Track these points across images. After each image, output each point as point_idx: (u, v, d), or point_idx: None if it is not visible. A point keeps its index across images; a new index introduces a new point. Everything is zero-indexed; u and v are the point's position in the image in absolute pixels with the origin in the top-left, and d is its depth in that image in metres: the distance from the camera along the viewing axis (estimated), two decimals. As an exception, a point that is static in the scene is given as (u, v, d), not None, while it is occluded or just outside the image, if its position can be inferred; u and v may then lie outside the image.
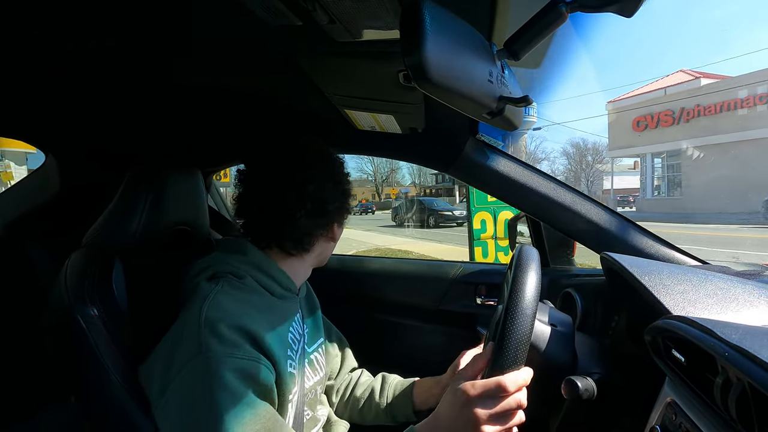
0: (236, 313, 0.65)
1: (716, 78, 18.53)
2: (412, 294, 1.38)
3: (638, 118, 19.81)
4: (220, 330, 0.62)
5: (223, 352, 0.60)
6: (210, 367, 0.59)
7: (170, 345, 0.65)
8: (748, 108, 15.83)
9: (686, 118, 17.85)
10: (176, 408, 0.59)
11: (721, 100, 16.57)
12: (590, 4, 0.41)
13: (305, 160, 0.77)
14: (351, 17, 0.55)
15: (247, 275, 0.73)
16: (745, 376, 0.38)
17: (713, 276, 0.68)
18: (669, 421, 0.53)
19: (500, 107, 0.50)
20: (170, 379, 0.60)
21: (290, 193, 0.74)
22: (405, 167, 50.36)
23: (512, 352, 0.54)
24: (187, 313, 0.66)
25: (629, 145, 20.51)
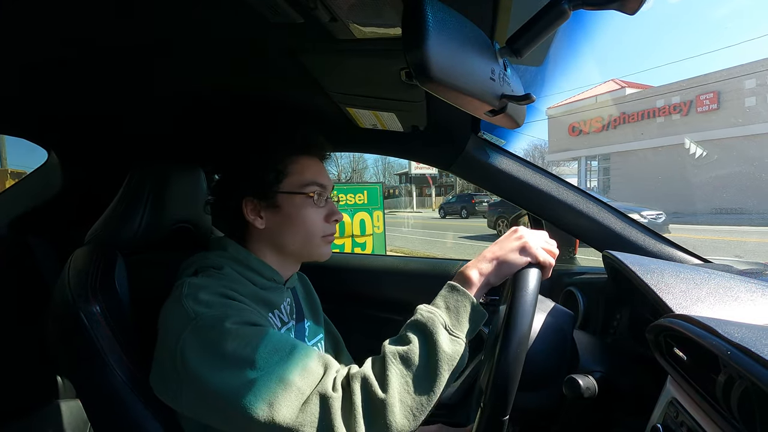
0: (214, 284, 0.67)
1: (639, 87, 20.35)
2: (413, 291, 1.38)
3: (573, 124, 21.51)
4: (202, 297, 0.64)
5: (213, 314, 0.62)
6: (206, 326, 0.60)
7: (161, 339, 0.65)
8: (664, 116, 17.51)
9: (613, 125, 19.63)
10: (193, 379, 0.59)
11: (642, 108, 18.30)
12: (593, 1, 0.41)
13: (220, 148, 0.80)
14: (352, 15, 0.55)
15: (226, 266, 0.73)
16: (748, 374, 0.38)
17: (715, 274, 0.68)
18: (671, 420, 0.53)
19: (502, 105, 0.50)
20: (175, 361, 0.60)
21: (218, 180, 0.81)
22: (371, 167, 50.81)
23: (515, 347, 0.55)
24: (167, 303, 0.68)
25: (566, 149, 22.13)
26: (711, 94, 15.93)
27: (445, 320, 0.62)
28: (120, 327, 0.72)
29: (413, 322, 0.63)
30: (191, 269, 0.73)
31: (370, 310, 1.45)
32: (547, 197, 1.02)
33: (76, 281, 0.73)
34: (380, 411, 0.56)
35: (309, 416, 0.56)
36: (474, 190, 42.00)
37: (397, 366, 0.59)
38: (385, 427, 0.56)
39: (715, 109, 15.84)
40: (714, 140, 15.10)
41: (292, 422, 0.55)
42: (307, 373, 0.59)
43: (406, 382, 0.58)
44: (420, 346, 0.60)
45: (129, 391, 0.69)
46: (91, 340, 0.69)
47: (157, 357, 0.66)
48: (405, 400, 0.57)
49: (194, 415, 0.63)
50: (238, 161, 0.79)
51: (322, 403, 0.57)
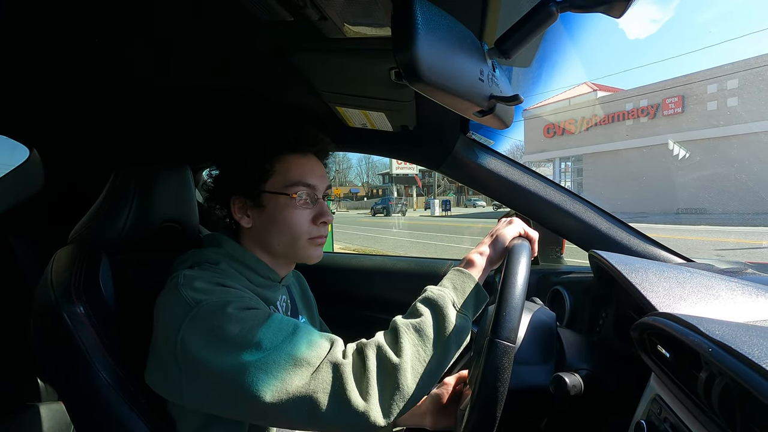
0: (209, 275, 0.67)
1: (611, 90, 21.31)
2: (403, 291, 1.39)
3: (548, 126, 22.37)
4: (200, 285, 0.64)
5: (212, 300, 0.62)
6: (206, 313, 0.60)
7: (157, 332, 0.65)
8: (633, 119, 18.37)
9: (586, 127, 20.47)
10: (196, 367, 0.59)
11: (613, 111, 19.18)
12: (580, 4, 0.42)
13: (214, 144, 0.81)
14: (342, 14, 0.55)
15: (222, 261, 0.73)
16: (728, 371, 0.39)
17: (697, 273, 0.69)
18: (654, 416, 0.54)
19: (491, 106, 0.50)
20: (175, 351, 0.60)
21: (213, 178, 0.81)
22: (355, 167, 51.20)
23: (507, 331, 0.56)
24: (162, 295, 0.67)
25: (542, 150, 22.93)
26: (676, 98, 16.67)
27: (453, 298, 0.66)
28: (105, 328, 0.71)
29: (424, 298, 0.67)
30: (186, 264, 0.72)
31: (359, 310, 1.45)
32: (534, 197, 1.03)
33: (59, 281, 0.71)
34: (393, 375, 0.58)
35: (320, 383, 0.57)
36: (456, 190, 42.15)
37: (411, 335, 0.62)
38: (398, 391, 0.58)
39: (680, 112, 16.59)
40: (683, 142, 15.68)
41: (304, 391, 0.57)
42: (314, 347, 0.60)
43: (418, 351, 0.61)
44: (432, 319, 0.63)
45: (114, 392, 0.68)
46: (74, 342, 0.67)
47: (154, 351, 0.65)
48: (416, 367, 0.60)
49: (198, 405, 0.62)
50: (229, 159, 0.79)
51: (334, 370, 0.58)
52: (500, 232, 0.73)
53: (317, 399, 0.57)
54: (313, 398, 0.57)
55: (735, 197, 13.25)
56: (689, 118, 16.22)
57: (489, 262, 0.72)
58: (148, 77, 0.84)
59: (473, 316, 0.68)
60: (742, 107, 14.72)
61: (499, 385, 0.54)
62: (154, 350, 0.65)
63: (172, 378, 0.61)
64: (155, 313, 0.66)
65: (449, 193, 40.49)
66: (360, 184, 54.17)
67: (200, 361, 0.58)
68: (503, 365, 0.55)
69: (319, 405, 0.56)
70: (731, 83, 15.08)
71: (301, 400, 0.57)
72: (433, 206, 24.84)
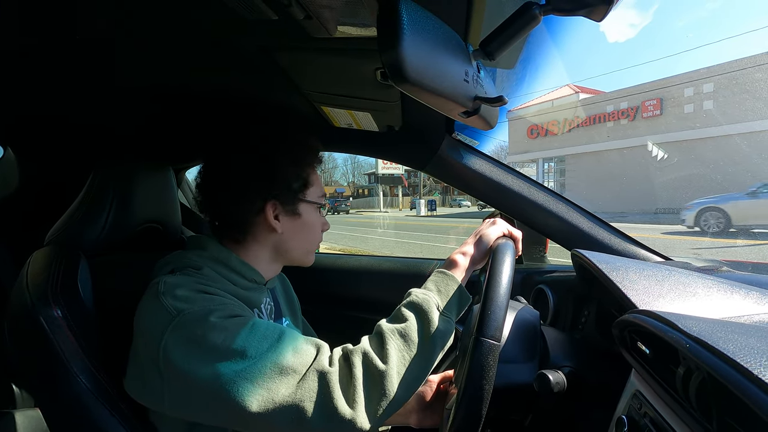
0: (191, 282, 0.66)
1: (592, 93, 21.86)
2: (389, 291, 1.39)
3: (531, 127, 22.87)
4: (181, 294, 0.62)
5: (194, 309, 0.60)
6: (189, 322, 0.59)
7: (138, 340, 0.63)
8: (613, 121, 18.90)
9: (568, 128, 20.98)
10: (179, 377, 0.57)
11: (594, 113, 19.75)
12: (563, 7, 0.42)
13: (234, 145, 0.77)
14: (328, 13, 0.55)
15: (205, 266, 0.71)
16: (705, 366, 0.40)
17: (675, 272, 0.71)
18: (634, 411, 0.55)
19: (476, 107, 0.51)
20: (157, 360, 0.58)
21: (214, 178, 0.76)
22: (341, 167, 51.45)
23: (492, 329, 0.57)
24: (142, 302, 0.65)
25: (525, 151, 23.44)
26: (655, 100, 17.18)
27: (438, 301, 0.67)
28: (83, 331, 0.69)
29: (408, 302, 0.67)
30: (167, 268, 0.71)
31: (345, 311, 1.45)
32: (518, 197, 1.04)
33: (36, 284, 0.69)
34: (379, 381, 0.59)
35: (307, 392, 0.57)
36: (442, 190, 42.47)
37: (396, 341, 0.62)
38: (384, 397, 0.58)
39: (659, 114, 17.10)
40: (661, 144, 16.22)
41: (290, 400, 0.56)
42: (299, 354, 0.60)
43: (404, 356, 0.61)
44: (417, 324, 0.64)
45: (93, 398, 0.66)
46: (51, 346, 0.65)
47: (134, 359, 0.64)
48: (402, 373, 0.60)
49: (181, 414, 0.61)
50: (265, 164, 0.75)
51: (320, 379, 0.58)
52: (484, 232, 0.74)
53: (304, 407, 0.56)
54: (300, 407, 0.56)
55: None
56: (667, 121, 16.70)
57: (472, 262, 0.73)
58: (129, 76, 0.82)
59: (457, 317, 0.69)
60: (717, 110, 15.23)
61: (484, 383, 0.55)
62: (134, 358, 0.64)
63: (153, 386, 0.60)
64: (135, 321, 0.64)
65: (435, 193, 40.73)
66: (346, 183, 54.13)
67: (183, 371, 0.57)
68: (488, 363, 0.55)
69: (305, 413, 0.56)
70: (707, 87, 15.59)
71: (287, 409, 0.56)
72: (418, 206, 24.96)
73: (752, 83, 14.32)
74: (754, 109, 13.98)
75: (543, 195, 1.04)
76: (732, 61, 14.89)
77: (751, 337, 0.44)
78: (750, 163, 13.62)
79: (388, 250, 9.58)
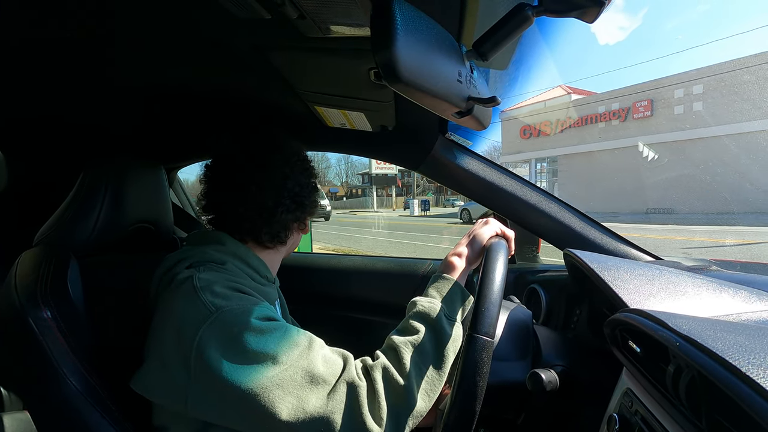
0: (226, 279, 0.66)
1: (584, 93, 22.00)
2: (382, 291, 1.39)
3: (524, 127, 22.94)
4: (219, 290, 0.62)
5: (233, 307, 0.60)
6: (227, 320, 0.59)
7: (164, 336, 0.62)
8: (605, 122, 19.05)
9: (560, 129, 21.12)
10: (211, 375, 0.57)
11: (586, 114, 19.91)
12: (555, 9, 0.43)
13: (284, 156, 0.77)
14: (321, 13, 0.55)
15: (228, 262, 0.71)
16: (694, 364, 0.41)
17: (666, 271, 0.72)
18: (626, 409, 0.56)
19: (469, 107, 0.51)
20: (188, 357, 0.58)
21: (270, 190, 0.75)
22: (334, 167, 51.54)
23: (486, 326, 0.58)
24: (174, 297, 0.64)
25: (518, 151, 23.54)
26: (645, 101, 17.36)
27: (444, 308, 0.68)
28: (74, 333, 0.68)
29: (416, 313, 0.68)
30: (185, 263, 0.69)
31: (338, 311, 1.45)
32: (511, 197, 1.04)
33: (24, 285, 0.68)
34: (402, 396, 0.60)
35: (337, 404, 0.57)
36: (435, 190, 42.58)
37: (410, 353, 0.63)
38: (407, 411, 0.60)
39: (649, 116, 17.28)
40: (652, 144, 16.42)
41: (321, 411, 0.56)
42: (329, 365, 0.60)
43: (420, 369, 0.62)
44: (427, 333, 0.65)
45: (84, 400, 0.65)
46: (41, 348, 0.64)
47: (156, 354, 0.62)
48: (421, 384, 0.62)
49: (203, 414, 0.60)
50: (309, 184, 0.82)
51: (350, 391, 0.58)
52: (477, 232, 0.75)
53: (333, 420, 0.56)
54: (329, 419, 0.56)
55: (700, 197, 13.92)
56: (658, 122, 16.89)
57: (468, 263, 0.74)
58: (121, 75, 0.81)
59: (461, 318, 0.70)
60: (707, 112, 15.46)
61: (478, 380, 0.55)
62: (157, 354, 0.62)
63: (177, 383, 0.59)
64: (161, 316, 0.63)
65: (428, 193, 40.88)
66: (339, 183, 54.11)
67: (216, 369, 0.56)
68: (482, 360, 0.56)
69: (334, 427, 0.56)
70: (696, 88, 15.80)
71: (316, 420, 0.56)
72: (412, 206, 25.00)
73: (740, 85, 14.56)
74: (742, 111, 14.22)
75: (535, 195, 1.05)
76: (721, 63, 15.10)
77: (740, 335, 0.44)
78: (739, 164, 13.85)
79: (381, 250, 9.58)
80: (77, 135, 1.10)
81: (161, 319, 0.63)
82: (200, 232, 0.79)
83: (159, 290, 0.69)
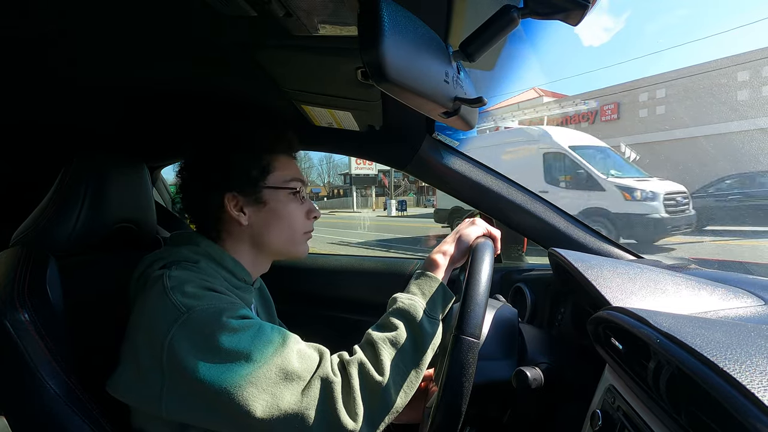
0: (198, 278, 0.65)
1: (555, 96, 22.17)
2: (370, 291, 1.39)
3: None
4: (190, 290, 0.61)
5: (204, 306, 0.59)
6: (198, 320, 0.58)
7: (136, 337, 0.61)
8: (574, 124, 19.42)
9: None
10: (183, 375, 0.56)
11: (557, 116, 19.96)
12: (540, 11, 0.43)
13: (194, 142, 0.78)
14: (308, 11, 0.54)
15: (201, 261, 0.70)
16: (675, 359, 0.42)
17: (647, 269, 0.73)
18: (608, 405, 0.57)
19: (455, 107, 0.51)
20: (160, 358, 0.57)
21: (181, 176, 0.77)
22: (317, 166, 51.58)
23: (472, 327, 0.58)
24: (146, 298, 0.63)
25: None
26: (612, 105, 17.89)
27: (423, 305, 0.68)
28: (53, 335, 0.67)
29: (395, 309, 0.68)
30: (159, 263, 0.68)
31: (325, 310, 1.44)
32: (497, 197, 1.05)
33: (1, 287, 0.66)
34: (377, 392, 0.60)
35: (312, 400, 0.57)
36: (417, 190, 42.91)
37: (388, 350, 0.63)
38: (384, 407, 0.60)
39: (616, 118, 17.85)
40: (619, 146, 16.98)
41: (295, 408, 0.56)
42: (304, 360, 0.60)
43: (397, 364, 0.62)
44: (406, 330, 0.65)
45: (63, 404, 0.63)
46: (18, 351, 0.62)
47: (130, 357, 0.61)
48: (398, 381, 0.62)
49: (179, 416, 0.59)
50: (218, 157, 0.75)
51: (324, 387, 0.58)
52: (463, 231, 0.76)
53: (307, 416, 0.56)
54: (304, 415, 0.56)
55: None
56: (624, 124, 17.44)
57: (452, 261, 0.74)
58: (101, 71, 0.79)
59: (442, 316, 0.70)
60: (669, 115, 16.07)
61: (464, 380, 0.56)
62: (130, 356, 0.61)
63: (151, 386, 0.58)
64: (135, 317, 0.63)
65: (410, 194, 41.18)
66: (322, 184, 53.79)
67: (188, 369, 0.56)
68: (468, 361, 0.56)
69: (309, 423, 0.56)
70: (660, 92, 16.43)
71: (291, 417, 0.56)
72: (389, 207, 25.16)
73: (700, 90, 15.19)
74: (699, 115, 14.86)
75: (521, 195, 1.06)
76: (683, 68, 15.76)
77: (717, 331, 0.45)
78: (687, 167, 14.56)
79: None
80: (57, 135, 1.07)
81: (134, 321, 0.63)
82: (179, 233, 0.78)
83: (136, 291, 0.68)
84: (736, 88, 14.21)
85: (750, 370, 0.37)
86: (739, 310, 0.61)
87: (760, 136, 11.78)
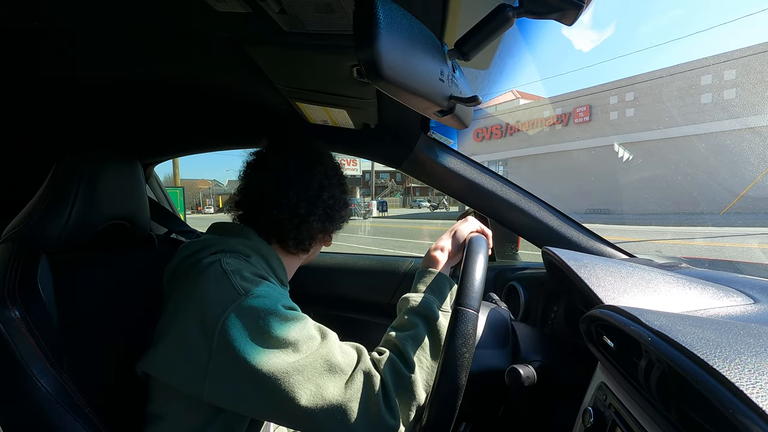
0: (250, 267, 0.68)
1: (532, 98, 23.06)
2: (365, 289, 1.39)
3: (477, 130, 23.93)
4: (248, 275, 0.64)
5: (261, 292, 0.61)
6: (255, 304, 0.59)
7: (186, 316, 0.61)
8: (549, 126, 20.14)
9: (510, 132, 22.31)
10: (232, 356, 0.56)
11: (534, 118, 21.05)
12: (535, 10, 0.44)
13: (324, 168, 0.80)
14: (302, 8, 0.54)
15: (252, 255, 0.72)
16: (665, 357, 0.42)
17: (639, 268, 0.74)
18: (600, 403, 0.57)
19: (450, 106, 0.51)
20: (212, 336, 0.58)
21: (306, 199, 0.78)
22: None
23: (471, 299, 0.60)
24: (198, 280, 0.63)
25: (473, 153, 24.89)
26: (584, 107, 18.31)
27: (436, 300, 0.72)
28: (44, 333, 0.66)
29: (411, 309, 0.71)
30: (209, 250, 0.69)
31: (320, 308, 1.44)
32: (491, 196, 1.06)
33: None
34: (407, 387, 0.63)
35: (354, 393, 0.59)
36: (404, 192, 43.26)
37: (412, 347, 0.66)
38: (413, 401, 0.63)
39: (588, 120, 18.26)
40: (591, 148, 17.45)
41: (339, 399, 0.58)
42: (346, 355, 0.63)
43: (421, 361, 0.66)
44: (425, 328, 0.68)
45: (56, 403, 0.63)
46: (8, 349, 0.62)
47: (173, 335, 0.62)
48: (423, 376, 0.65)
49: (219, 398, 0.59)
50: (328, 201, 0.81)
51: (366, 380, 0.61)
52: (458, 228, 0.80)
53: (350, 408, 0.58)
54: (347, 408, 0.58)
55: (629, 198, 15.18)
56: (596, 126, 17.88)
57: (449, 256, 0.78)
58: (94, 67, 0.78)
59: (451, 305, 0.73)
60: (637, 117, 16.47)
61: (464, 351, 0.57)
62: (174, 334, 0.62)
63: (196, 363, 0.58)
64: (181, 300, 0.64)
65: (397, 194, 41.49)
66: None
67: (239, 350, 0.56)
68: (468, 331, 0.57)
69: (351, 415, 0.58)
70: (629, 95, 16.82)
71: (334, 408, 0.57)
72: (370, 208, 25.34)
73: (668, 93, 15.56)
74: (670, 117, 15.22)
75: (515, 194, 1.07)
76: (650, 71, 16.14)
77: (707, 330, 0.46)
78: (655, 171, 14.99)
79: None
80: (49, 130, 1.06)
81: (182, 301, 0.64)
82: (226, 223, 0.79)
83: (176, 275, 0.69)
84: (700, 91, 14.73)
85: (739, 367, 0.37)
86: (729, 309, 0.62)
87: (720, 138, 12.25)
